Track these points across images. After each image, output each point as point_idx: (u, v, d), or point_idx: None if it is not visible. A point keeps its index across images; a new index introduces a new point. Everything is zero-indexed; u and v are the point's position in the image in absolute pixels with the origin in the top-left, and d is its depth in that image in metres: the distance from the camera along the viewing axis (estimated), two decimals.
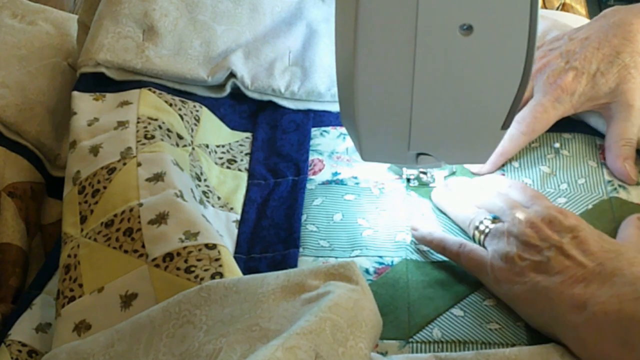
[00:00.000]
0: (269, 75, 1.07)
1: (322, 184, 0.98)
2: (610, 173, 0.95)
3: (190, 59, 1.08)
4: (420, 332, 0.81)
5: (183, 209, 0.83)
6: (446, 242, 0.85)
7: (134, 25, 1.08)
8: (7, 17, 1.21)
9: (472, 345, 0.79)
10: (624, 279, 0.71)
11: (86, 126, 0.97)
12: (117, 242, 0.82)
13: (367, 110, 0.80)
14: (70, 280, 0.82)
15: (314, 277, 0.72)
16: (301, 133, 1.05)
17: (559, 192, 0.93)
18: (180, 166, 0.91)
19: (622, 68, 0.96)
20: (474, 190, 0.91)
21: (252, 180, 1.00)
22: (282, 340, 0.62)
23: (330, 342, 0.64)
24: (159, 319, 0.72)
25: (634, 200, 0.92)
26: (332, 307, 0.67)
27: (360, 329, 0.67)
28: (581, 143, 1.00)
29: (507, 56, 0.74)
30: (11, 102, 1.08)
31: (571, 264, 0.74)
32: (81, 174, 0.90)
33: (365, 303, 0.70)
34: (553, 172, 0.96)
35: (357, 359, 0.66)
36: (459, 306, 0.83)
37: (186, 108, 1.03)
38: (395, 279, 0.86)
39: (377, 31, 0.73)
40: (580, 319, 0.71)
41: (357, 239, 0.91)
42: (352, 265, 0.72)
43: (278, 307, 0.70)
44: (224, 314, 0.70)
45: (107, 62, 1.05)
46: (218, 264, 0.78)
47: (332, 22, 1.10)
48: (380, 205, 0.95)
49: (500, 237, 0.81)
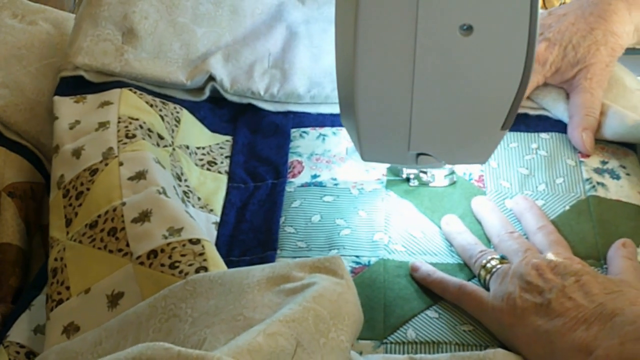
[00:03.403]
0: (249, 78, 1.08)
1: (301, 186, 0.99)
2: (589, 171, 0.96)
3: (170, 62, 1.08)
4: (394, 333, 0.81)
5: (166, 205, 0.84)
6: (446, 283, 0.84)
7: (113, 27, 1.08)
8: (7, 17, 1.20)
9: (446, 346, 0.80)
10: (625, 318, 0.69)
11: (68, 129, 0.97)
12: (101, 242, 0.83)
13: (367, 110, 0.81)
14: (58, 284, 0.82)
15: (299, 269, 0.73)
16: (281, 136, 1.06)
17: (537, 194, 0.94)
18: (162, 164, 0.92)
19: (593, 43, 0.99)
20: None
21: (232, 184, 1.01)
22: (264, 326, 0.64)
23: (312, 332, 0.65)
24: (146, 315, 0.73)
25: (612, 196, 0.93)
26: (317, 298, 0.68)
27: (342, 322, 0.68)
28: (559, 142, 1.01)
29: (507, 56, 0.75)
30: (11, 102, 1.07)
31: (572, 305, 0.73)
32: (65, 178, 0.91)
33: (349, 297, 0.71)
34: (531, 174, 0.97)
35: (338, 351, 0.67)
36: (434, 308, 0.84)
37: (167, 109, 1.04)
38: (372, 279, 0.86)
39: (377, 31, 0.74)
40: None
41: (334, 238, 0.92)
42: (338, 260, 0.74)
43: (263, 298, 0.70)
44: (209, 305, 0.71)
45: (85, 65, 1.05)
46: (202, 258, 0.78)
47: (312, 24, 1.14)
48: (358, 206, 0.95)
49: (504, 277, 0.80)
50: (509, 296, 0.77)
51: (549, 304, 0.74)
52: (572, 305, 0.72)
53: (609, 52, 0.99)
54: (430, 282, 0.85)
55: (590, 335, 0.69)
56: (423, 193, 0.96)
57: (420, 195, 0.96)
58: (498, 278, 0.81)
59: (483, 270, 0.83)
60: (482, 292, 0.81)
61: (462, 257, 0.88)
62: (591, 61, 0.98)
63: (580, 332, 0.70)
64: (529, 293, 0.76)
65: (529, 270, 0.77)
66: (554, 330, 0.72)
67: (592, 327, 0.70)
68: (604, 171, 0.96)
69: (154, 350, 0.59)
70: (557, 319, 0.72)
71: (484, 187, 0.96)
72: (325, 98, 1.08)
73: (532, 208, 0.90)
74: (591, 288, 0.73)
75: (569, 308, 0.72)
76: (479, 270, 0.84)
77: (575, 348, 0.70)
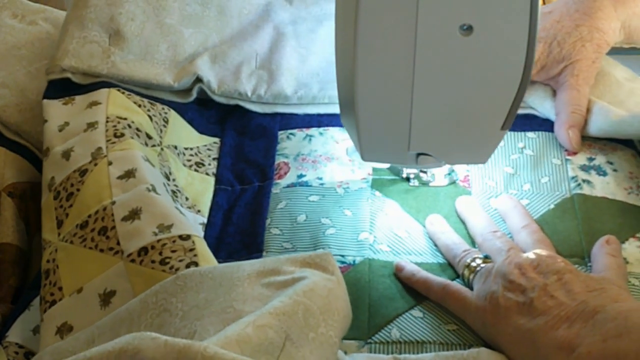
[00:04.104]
0: (236, 79, 1.08)
1: (286, 187, 0.99)
2: (574, 169, 0.96)
3: (157, 63, 1.08)
4: (379, 333, 0.81)
5: (156, 202, 0.84)
6: (430, 282, 0.84)
7: (100, 29, 1.08)
8: (7, 17, 1.21)
9: (430, 345, 0.80)
10: (607, 315, 0.69)
11: (57, 132, 0.97)
12: (92, 242, 0.83)
13: (367, 110, 0.81)
14: (51, 285, 0.83)
15: (290, 264, 0.74)
16: (268, 138, 1.06)
17: (522, 194, 0.95)
18: (151, 162, 0.93)
19: (578, 40, 0.99)
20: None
21: (219, 186, 1.01)
22: (254, 318, 0.64)
23: (302, 326, 0.66)
24: (137, 311, 0.73)
25: (598, 194, 0.93)
26: (307, 292, 0.68)
27: (332, 317, 0.69)
28: (545, 141, 1.01)
29: (507, 56, 0.75)
30: (11, 102, 1.08)
31: (554, 304, 0.73)
32: (55, 180, 0.91)
33: (339, 293, 0.72)
34: (517, 173, 0.97)
35: (327, 346, 0.68)
36: (418, 307, 0.84)
37: (155, 109, 1.04)
38: (357, 278, 0.86)
39: (377, 31, 0.74)
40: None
41: (319, 238, 0.92)
42: (329, 256, 0.74)
43: (253, 291, 0.71)
44: (199, 299, 0.72)
45: (72, 67, 1.05)
46: (193, 254, 0.79)
47: (299, 24, 1.14)
48: (344, 205, 0.96)
49: (487, 277, 0.80)
50: (492, 295, 0.77)
51: (531, 302, 0.74)
52: (554, 304, 0.72)
53: (594, 49, 0.99)
54: (414, 282, 0.85)
55: (572, 333, 0.69)
56: (409, 192, 0.97)
57: (406, 194, 0.96)
58: (481, 277, 0.81)
59: (466, 269, 0.84)
60: (465, 291, 0.81)
61: (446, 257, 0.89)
62: (577, 57, 0.99)
63: (563, 330, 0.70)
64: (511, 292, 0.76)
65: (512, 270, 0.77)
66: (536, 328, 0.72)
67: (574, 324, 0.70)
68: (590, 168, 0.96)
69: (141, 340, 0.60)
70: (540, 317, 0.72)
71: (469, 187, 0.97)
72: (312, 99, 1.08)
73: (516, 207, 0.91)
74: (573, 286, 0.73)
75: (551, 306, 0.72)
76: (462, 269, 0.84)
77: (558, 346, 0.69)
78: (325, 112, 1.08)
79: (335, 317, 0.69)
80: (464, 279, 0.84)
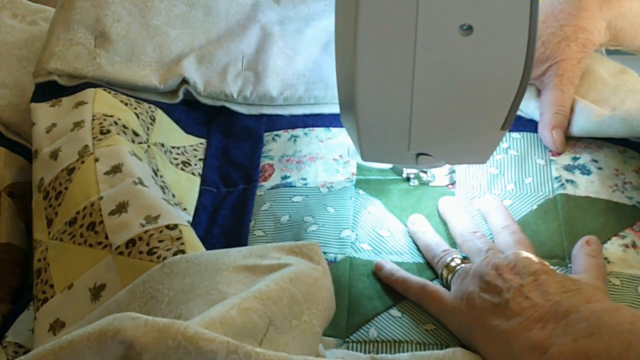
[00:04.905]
0: (222, 81, 1.09)
1: (271, 189, 1.00)
2: (558, 169, 0.97)
3: (143, 65, 1.09)
4: (357, 332, 0.82)
5: (142, 195, 0.85)
6: (409, 282, 0.85)
7: (86, 31, 1.08)
8: (7, 17, 1.23)
9: (408, 345, 0.80)
10: (579, 315, 0.69)
11: (45, 133, 0.98)
12: (81, 237, 0.83)
13: (367, 110, 0.81)
14: (42, 283, 0.83)
15: (276, 251, 0.74)
16: (254, 140, 1.07)
17: (506, 194, 0.95)
18: (138, 156, 0.93)
19: (563, 40, 0.99)
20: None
21: (205, 187, 1.01)
22: (239, 300, 0.65)
23: (286, 313, 0.67)
24: (126, 301, 0.74)
25: (581, 193, 0.93)
26: (293, 280, 0.69)
27: (316, 307, 0.70)
28: (530, 142, 1.02)
29: (507, 56, 0.75)
30: (11, 102, 1.09)
31: (528, 305, 0.73)
32: (44, 181, 0.92)
33: (324, 283, 0.73)
34: (501, 173, 0.98)
35: (310, 334, 0.68)
36: (397, 307, 0.84)
37: (142, 108, 1.04)
38: (337, 276, 0.87)
39: (377, 31, 0.74)
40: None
41: (301, 235, 0.92)
42: (315, 247, 0.75)
43: (238, 275, 0.72)
44: (184, 283, 0.72)
45: (57, 70, 1.05)
46: (180, 242, 0.79)
47: (286, 24, 1.14)
48: (327, 203, 0.96)
49: (465, 277, 0.80)
50: (468, 296, 0.78)
51: (506, 303, 0.74)
52: (528, 305, 0.72)
53: (579, 48, 0.99)
54: (393, 281, 0.86)
55: (545, 333, 0.69)
56: (393, 192, 0.97)
57: (390, 194, 0.97)
58: (459, 278, 0.81)
59: (445, 269, 0.84)
60: (443, 292, 0.82)
61: (425, 257, 0.89)
62: (561, 57, 0.99)
63: (536, 331, 0.70)
64: (487, 293, 0.76)
65: (489, 270, 0.78)
66: (510, 329, 0.72)
67: (547, 325, 0.70)
68: (574, 167, 0.96)
69: (121, 320, 0.60)
70: (514, 318, 0.72)
71: (452, 188, 0.97)
72: (298, 99, 1.08)
73: (497, 208, 0.91)
74: (548, 287, 0.73)
75: (525, 307, 0.72)
76: (441, 269, 0.85)
77: (531, 347, 0.69)
78: (310, 112, 1.08)
79: (319, 307, 0.70)
80: (442, 279, 0.85)
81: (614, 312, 0.68)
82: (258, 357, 0.58)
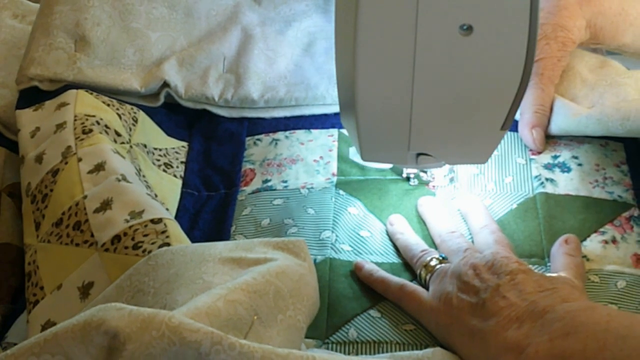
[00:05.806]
0: (203, 84, 1.08)
1: (251, 193, 0.99)
2: (538, 168, 0.97)
3: (124, 68, 1.08)
4: (336, 333, 0.82)
5: (126, 191, 0.86)
6: (388, 282, 0.85)
7: (65, 35, 1.07)
8: (7, 18, 1.22)
9: (387, 345, 0.80)
10: (555, 315, 0.69)
11: (30, 138, 0.98)
12: (68, 237, 0.84)
13: (367, 110, 0.81)
14: (33, 286, 0.84)
15: (263, 246, 0.75)
16: (235, 144, 1.07)
17: (486, 194, 0.95)
18: (121, 154, 0.94)
19: (542, 38, 0.99)
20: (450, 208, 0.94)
21: (186, 190, 1.01)
22: (226, 292, 0.65)
23: (271, 307, 0.67)
24: (113, 296, 0.75)
25: (561, 191, 0.94)
26: (279, 274, 0.70)
27: (301, 302, 0.70)
28: (510, 141, 1.02)
29: (507, 56, 0.74)
30: (11, 102, 1.08)
31: (505, 304, 0.73)
32: (31, 185, 0.92)
33: (310, 280, 0.73)
34: (481, 173, 0.98)
35: (294, 330, 0.69)
36: (377, 307, 0.85)
37: (124, 109, 1.05)
38: (318, 277, 0.85)
39: (377, 31, 0.74)
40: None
41: (281, 237, 0.90)
42: (302, 243, 0.76)
43: (224, 266, 0.72)
44: (169, 274, 0.73)
45: (38, 76, 1.05)
46: (165, 235, 0.80)
47: (267, 26, 1.14)
48: (307, 204, 0.96)
49: (443, 277, 0.81)
50: (446, 296, 0.78)
51: (483, 303, 0.74)
52: (505, 304, 0.73)
53: (559, 47, 0.99)
54: (372, 281, 0.86)
55: (521, 333, 0.69)
56: (373, 192, 0.97)
57: (370, 194, 0.97)
58: (437, 278, 0.82)
59: (423, 270, 0.84)
60: (421, 292, 0.82)
61: (404, 257, 0.89)
62: (541, 56, 0.99)
63: (512, 331, 0.70)
64: (465, 293, 0.76)
65: (466, 270, 0.78)
66: (487, 329, 0.72)
67: (523, 325, 0.70)
68: (554, 166, 0.97)
69: (106, 311, 0.60)
70: (491, 318, 0.73)
71: (433, 188, 0.98)
72: (279, 102, 1.08)
73: (477, 207, 0.92)
74: (525, 286, 0.74)
75: (502, 307, 0.73)
76: (420, 269, 0.85)
77: (508, 347, 0.70)
78: (292, 114, 1.08)
79: (304, 303, 0.70)
80: (420, 279, 0.85)
81: (590, 312, 0.68)
82: (242, 349, 0.59)
